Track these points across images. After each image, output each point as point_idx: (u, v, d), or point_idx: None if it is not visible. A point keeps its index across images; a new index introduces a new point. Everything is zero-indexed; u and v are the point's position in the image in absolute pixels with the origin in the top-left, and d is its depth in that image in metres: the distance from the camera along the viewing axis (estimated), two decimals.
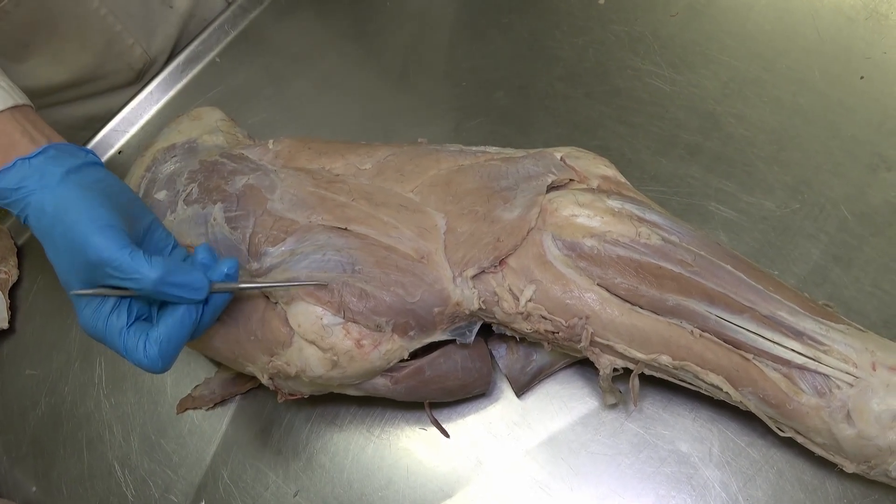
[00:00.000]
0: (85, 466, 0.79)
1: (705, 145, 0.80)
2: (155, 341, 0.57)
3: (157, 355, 0.57)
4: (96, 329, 0.58)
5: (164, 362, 0.57)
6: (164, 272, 0.55)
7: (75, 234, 0.55)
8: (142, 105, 1.02)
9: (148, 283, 0.55)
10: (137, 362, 0.57)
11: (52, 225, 0.56)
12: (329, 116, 0.95)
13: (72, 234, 0.55)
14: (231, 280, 0.60)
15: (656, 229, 0.63)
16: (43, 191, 0.57)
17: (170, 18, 1.06)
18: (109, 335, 0.58)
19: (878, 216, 0.72)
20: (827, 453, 0.59)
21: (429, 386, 0.67)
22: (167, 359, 0.57)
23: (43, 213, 0.57)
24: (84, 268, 0.56)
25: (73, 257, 0.56)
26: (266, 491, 0.73)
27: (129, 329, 0.57)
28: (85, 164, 0.60)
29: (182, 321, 0.58)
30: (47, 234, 0.57)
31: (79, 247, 0.55)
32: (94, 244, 0.55)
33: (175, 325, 0.57)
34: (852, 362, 0.57)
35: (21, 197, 0.58)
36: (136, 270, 0.54)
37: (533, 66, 0.91)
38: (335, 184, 0.71)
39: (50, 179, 0.58)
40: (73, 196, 0.57)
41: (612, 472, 0.66)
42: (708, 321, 0.60)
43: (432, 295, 0.64)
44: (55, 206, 0.57)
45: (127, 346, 0.57)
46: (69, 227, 0.55)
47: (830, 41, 0.83)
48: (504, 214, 0.66)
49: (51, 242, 0.57)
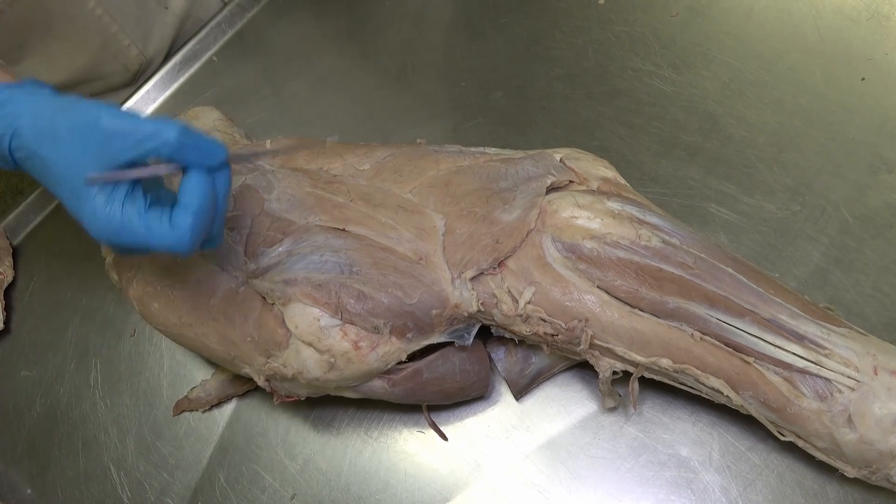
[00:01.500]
0: (80, 468, 0.79)
1: (705, 147, 0.79)
2: (180, 212, 0.54)
3: (188, 226, 0.54)
4: (112, 219, 0.54)
5: (193, 235, 0.54)
6: (183, 127, 0.53)
7: (86, 115, 0.53)
8: (138, 105, 1.02)
9: (173, 135, 0.52)
10: (163, 240, 0.54)
11: (53, 120, 0.54)
12: (327, 117, 0.94)
13: (82, 117, 0.53)
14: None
15: (656, 231, 0.63)
16: (35, 96, 0.56)
17: (166, 19, 1.05)
18: (128, 220, 0.54)
19: (878, 218, 0.72)
20: (828, 458, 0.58)
21: (427, 388, 0.67)
22: (196, 230, 0.54)
23: (40, 115, 0.55)
24: (100, 148, 0.53)
25: (84, 144, 0.53)
26: (263, 494, 0.72)
27: (149, 210, 0.54)
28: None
29: (200, 189, 0.54)
30: (47, 133, 0.55)
31: (92, 125, 0.53)
32: (110, 116, 0.53)
33: (195, 193, 0.54)
34: (854, 366, 0.57)
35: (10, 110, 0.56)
36: (157, 128, 0.53)
37: (532, 67, 0.90)
38: (333, 184, 0.70)
39: (40, 93, 0.57)
40: (69, 98, 0.56)
41: (611, 476, 0.66)
42: (708, 324, 0.60)
43: (431, 296, 0.63)
44: (53, 107, 0.55)
45: (151, 225, 0.54)
46: (77, 113, 0.54)
47: (831, 42, 0.82)
48: (503, 216, 0.66)
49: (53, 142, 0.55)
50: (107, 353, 0.84)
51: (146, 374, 0.82)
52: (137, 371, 0.82)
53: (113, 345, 0.84)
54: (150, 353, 0.83)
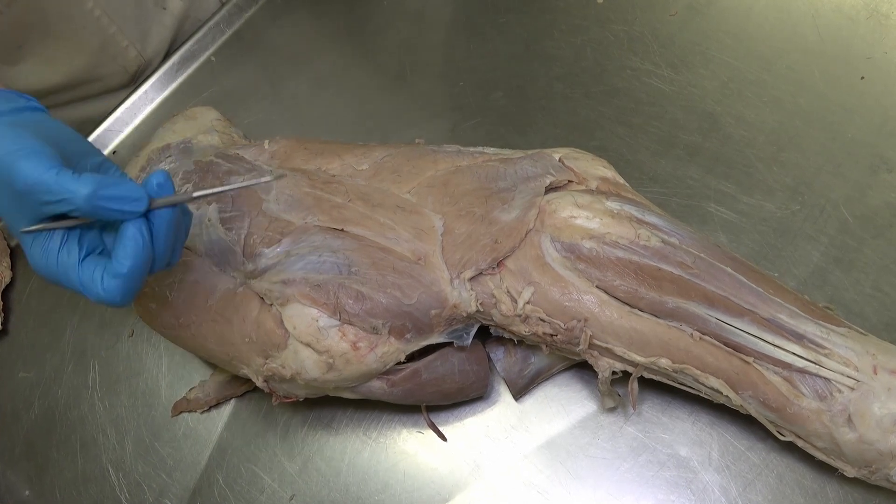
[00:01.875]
0: (79, 470, 0.78)
1: (704, 146, 0.79)
2: (112, 272, 0.53)
3: (116, 288, 0.53)
4: (49, 269, 0.54)
5: (125, 294, 0.53)
6: (96, 186, 0.51)
7: (3, 167, 0.52)
8: (136, 105, 1.02)
9: (80, 199, 0.51)
10: (96, 297, 0.53)
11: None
12: (325, 116, 0.94)
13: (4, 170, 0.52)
14: (166, 191, 0.55)
15: (655, 231, 0.63)
16: None
17: (164, 20, 1.05)
18: (63, 273, 0.54)
19: (878, 218, 0.72)
20: (827, 457, 0.58)
21: (425, 389, 0.66)
22: (126, 290, 0.53)
23: None
24: (18, 203, 0.52)
25: (7, 194, 0.52)
26: (261, 495, 0.72)
27: (83, 263, 0.54)
28: (24, 108, 0.58)
29: (134, 244, 0.53)
30: None
31: (8, 179, 0.52)
32: (20, 170, 0.51)
33: (128, 249, 0.53)
34: (853, 366, 0.56)
35: None
36: (65, 189, 0.51)
37: (531, 66, 0.90)
38: (331, 184, 0.70)
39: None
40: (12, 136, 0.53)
41: (610, 477, 0.66)
42: (708, 324, 0.59)
43: (429, 297, 0.63)
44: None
45: (83, 280, 0.53)
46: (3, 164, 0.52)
47: (831, 41, 0.82)
48: (502, 216, 0.65)
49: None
50: (105, 354, 0.84)
51: (144, 375, 0.82)
52: (136, 372, 0.82)
53: (111, 346, 0.84)
54: (148, 354, 0.83)
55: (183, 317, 0.69)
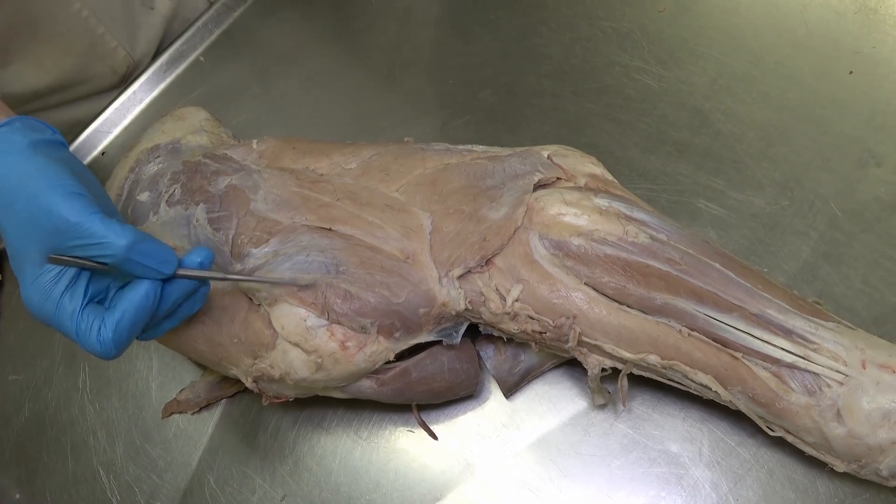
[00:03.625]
0: (69, 472, 0.78)
1: (694, 142, 0.79)
2: (111, 325, 0.54)
3: (111, 341, 0.54)
4: (44, 309, 0.54)
5: (118, 348, 0.55)
6: (136, 239, 0.53)
7: (42, 200, 0.52)
8: (125, 105, 1.01)
9: (119, 248, 0.52)
10: (89, 347, 0.54)
11: (14, 190, 0.53)
12: (314, 116, 0.94)
13: (38, 200, 0.52)
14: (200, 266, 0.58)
15: (644, 227, 0.63)
16: (6, 155, 0.55)
17: (152, 20, 1.04)
18: (60, 317, 0.54)
19: (867, 212, 0.72)
20: (817, 452, 0.58)
21: (415, 388, 0.66)
22: (121, 344, 0.55)
23: (5, 178, 0.54)
24: (47, 236, 0.53)
25: (35, 226, 0.53)
26: (253, 496, 0.72)
27: (83, 311, 0.54)
28: (51, 141, 0.58)
29: (142, 303, 0.55)
30: (6, 201, 0.54)
31: (45, 212, 0.52)
32: (63, 208, 0.52)
33: (134, 307, 0.54)
34: (842, 360, 0.56)
35: None
36: (106, 235, 0.52)
37: (519, 64, 0.90)
38: (319, 184, 0.70)
39: (15, 147, 0.55)
40: (39, 164, 0.54)
41: (601, 474, 0.66)
42: (696, 320, 0.59)
43: (418, 295, 0.63)
44: (20, 173, 0.54)
45: (79, 329, 0.54)
46: (35, 192, 0.53)
47: (819, 36, 0.82)
48: (490, 213, 0.65)
49: (9, 212, 0.54)
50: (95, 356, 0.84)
51: (135, 376, 0.81)
52: (126, 374, 0.82)
53: None
54: (138, 355, 0.82)
55: None
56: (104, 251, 0.52)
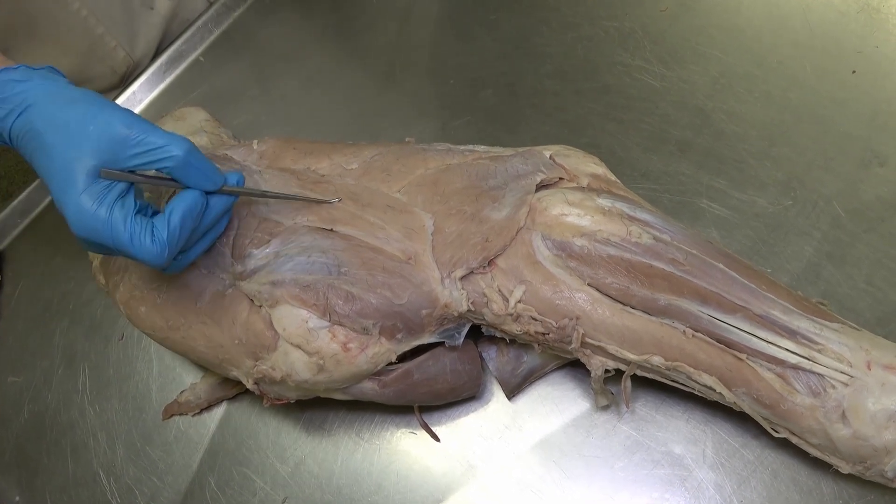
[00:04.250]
0: (69, 475, 0.78)
1: (696, 142, 0.79)
2: (162, 227, 0.56)
3: (166, 240, 0.56)
4: (97, 219, 0.55)
5: (171, 249, 0.56)
6: (192, 147, 0.56)
7: (101, 114, 0.55)
8: (125, 106, 1.00)
9: (181, 152, 0.55)
10: (142, 249, 0.55)
11: (67, 105, 0.55)
12: (314, 116, 0.94)
13: (96, 110, 0.55)
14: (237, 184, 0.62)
15: (647, 228, 0.62)
16: (53, 82, 0.57)
17: (152, 20, 1.04)
18: (114, 223, 0.55)
19: (870, 212, 0.72)
20: (822, 454, 0.58)
21: (417, 389, 0.66)
22: (174, 245, 0.56)
23: (53, 100, 0.56)
24: (103, 149, 0.54)
25: (90, 139, 0.54)
26: (254, 498, 0.72)
27: (136, 216, 0.56)
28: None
29: (191, 207, 0.57)
30: (59, 118, 0.55)
31: (104, 124, 0.54)
32: (123, 121, 0.55)
33: (184, 209, 0.56)
34: (847, 361, 0.56)
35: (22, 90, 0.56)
36: (168, 142, 0.55)
37: (521, 64, 0.90)
38: (320, 184, 0.69)
39: (57, 79, 0.58)
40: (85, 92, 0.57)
41: (604, 475, 0.66)
42: (700, 321, 0.59)
43: (420, 296, 0.62)
44: (72, 96, 0.56)
45: (133, 231, 0.55)
46: (92, 105, 0.55)
47: (822, 36, 0.82)
48: (493, 214, 0.65)
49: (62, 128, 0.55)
50: (95, 357, 0.83)
51: (135, 378, 0.81)
52: (126, 376, 0.81)
53: (101, 349, 0.84)
54: (138, 357, 0.82)
55: (172, 320, 0.68)
56: (165, 156, 0.55)
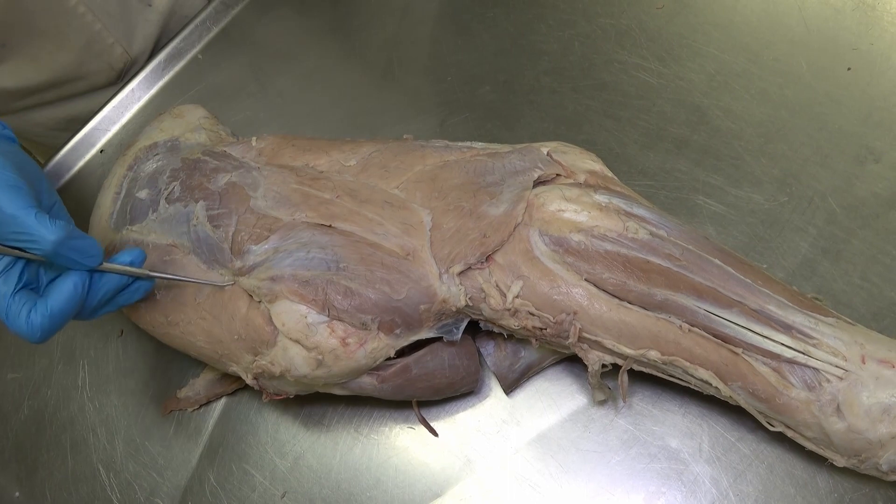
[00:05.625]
0: (69, 470, 0.78)
1: (692, 139, 0.79)
2: (40, 311, 0.56)
3: (39, 325, 0.56)
4: None
5: (45, 333, 0.56)
6: (66, 235, 0.55)
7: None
8: (123, 103, 1.01)
9: (48, 244, 0.54)
10: (17, 330, 0.56)
11: None
12: (313, 113, 0.94)
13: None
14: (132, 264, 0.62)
15: (644, 224, 0.63)
16: None
17: (150, 17, 1.04)
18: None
19: (866, 208, 0.72)
20: (817, 448, 0.58)
21: (416, 384, 0.66)
22: (48, 330, 0.56)
23: None
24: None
25: None
26: (253, 493, 0.72)
27: (15, 295, 0.56)
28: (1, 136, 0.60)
29: (70, 292, 0.57)
30: None
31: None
32: (10, 194, 0.54)
33: (63, 296, 0.57)
34: (842, 355, 0.57)
35: None
36: (38, 231, 0.54)
37: (518, 61, 0.90)
38: (319, 181, 0.70)
39: None
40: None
41: (601, 469, 0.66)
42: (696, 316, 0.59)
43: (418, 292, 0.63)
44: None
45: (10, 312, 0.56)
46: None
47: (817, 33, 0.82)
48: (490, 210, 0.65)
49: None
50: (94, 353, 0.84)
51: (134, 374, 0.81)
52: (126, 371, 0.82)
53: (100, 345, 0.84)
54: (138, 353, 0.82)
55: (171, 315, 0.68)
56: (35, 245, 0.54)
